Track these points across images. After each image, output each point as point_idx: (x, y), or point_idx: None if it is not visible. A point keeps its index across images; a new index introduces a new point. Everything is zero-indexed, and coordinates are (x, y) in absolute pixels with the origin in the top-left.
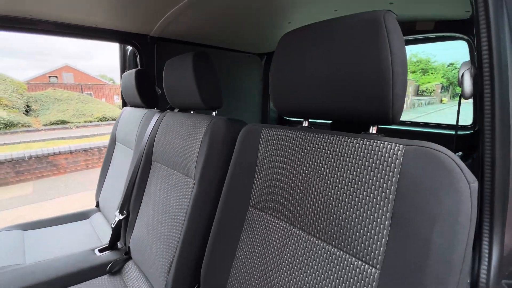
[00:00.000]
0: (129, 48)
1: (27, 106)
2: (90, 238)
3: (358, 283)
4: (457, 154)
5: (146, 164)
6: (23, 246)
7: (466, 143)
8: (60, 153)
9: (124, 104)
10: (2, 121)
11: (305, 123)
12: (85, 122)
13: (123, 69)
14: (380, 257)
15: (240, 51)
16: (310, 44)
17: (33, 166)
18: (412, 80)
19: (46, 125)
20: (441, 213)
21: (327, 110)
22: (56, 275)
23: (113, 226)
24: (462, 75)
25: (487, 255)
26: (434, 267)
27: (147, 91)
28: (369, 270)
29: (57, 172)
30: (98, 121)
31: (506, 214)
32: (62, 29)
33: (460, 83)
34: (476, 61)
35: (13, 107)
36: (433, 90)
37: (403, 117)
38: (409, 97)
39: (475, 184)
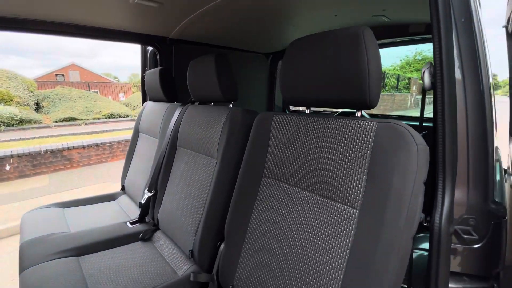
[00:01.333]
0: (149, 48)
1: (37, 104)
2: (120, 214)
3: (344, 220)
4: (422, 133)
5: (172, 149)
6: (65, 219)
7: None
8: (73, 147)
9: (144, 99)
10: (15, 118)
11: (307, 111)
12: (93, 119)
13: (143, 68)
14: (359, 200)
15: (249, 51)
16: (311, 50)
17: (48, 159)
18: (416, 79)
19: (56, 121)
20: (397, 166)
21: (324, 100)
22: (98, 239)
23: (142, 202)
24: (424, 72)
25: (440, 205)
26: (393, 202)
27: (169, 87)
28: (352, 211)
29: (71, 166)
30: (106, 118)
31: (455, 174)
32: (95, 32)
33: (422, 78)
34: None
35: (25, 104)
36: None
37: (409, 114)
38: (413, 96)
39: (422, 146)
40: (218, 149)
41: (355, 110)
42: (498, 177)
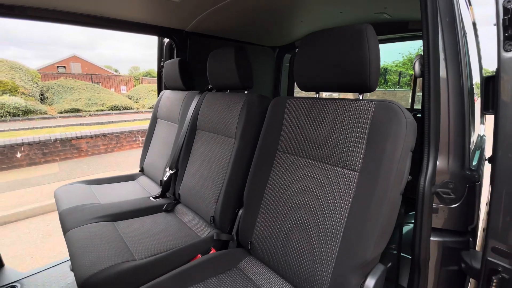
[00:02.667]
0: (165, 41)
1: (42, 95)
2: (141, 191)
3: (347, 182)
4: (412, 114)
5: (192, 132)
6: (94, 193)
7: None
8: (82, 137)
9: (160, 88)
10: (21, 108)
11: (317, 95)
12: (97, 110)
13: (160, 59)
14: (359, 165)
15: (257, 44)
16: (321, 43)
17: (57, 148)
18: None
19: (61, 112)
20: (390, 134)
21: (332, 85)
22: (126, 209)
23: (164, 179)
24: (415, 62)
25: (425, 170)
26: (385, 163)
27: (187, 76)
28: (353, 174)
29: (79, 155)
30: (109, 110)
31: (438, 146)
32: (118, 24)
33: (413, 68)
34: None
35: (29, 95)
36: None
37: None
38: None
39: (410, 119)
40: (236, 130)
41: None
42: (476, 159)
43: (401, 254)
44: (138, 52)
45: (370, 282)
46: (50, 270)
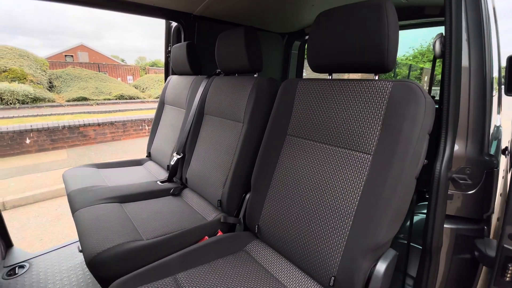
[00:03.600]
0: (173, 25)
1: (50, 83)
2: (149, 176)
3: (359, 164)
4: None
5: (199, 116)
6: (101, 176)
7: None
8: (89, 124)
9: (167, 74)
10: (29, 96)
11: (330, 77)
12: (104, 99)
13: (167, 43)
14: (373, 147)
15: (265, 30)
16: (337, 20)
17: (66, 135)
18: (428, 69)
19: (68, 101)
20: (408, 114)
21: (346, 65)
22: (133, 192)
23: (171, 163)
24: (435, 42)
25: (442, 154)
26: (402, 145)
27: (195, 60)
28: (366, 156)
29: (87, 142)
30: (116, 99)
31: (456, 129)
32: (125, 6)
33: (433, 47)
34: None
35: (38, 83)
36: None
37: None
38: (425, 86)
39: (429, 100)
40: (245, 114)
41: None
42: (494, 148)
43: (411, 244)
44: (145, 42)
45: (381, 266)
46: (58, 250)
